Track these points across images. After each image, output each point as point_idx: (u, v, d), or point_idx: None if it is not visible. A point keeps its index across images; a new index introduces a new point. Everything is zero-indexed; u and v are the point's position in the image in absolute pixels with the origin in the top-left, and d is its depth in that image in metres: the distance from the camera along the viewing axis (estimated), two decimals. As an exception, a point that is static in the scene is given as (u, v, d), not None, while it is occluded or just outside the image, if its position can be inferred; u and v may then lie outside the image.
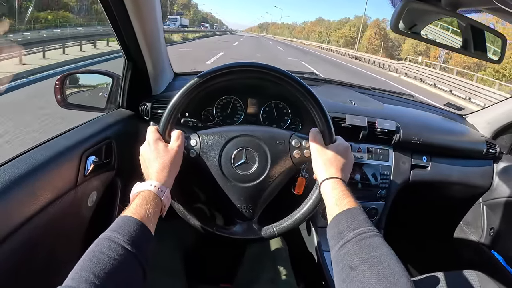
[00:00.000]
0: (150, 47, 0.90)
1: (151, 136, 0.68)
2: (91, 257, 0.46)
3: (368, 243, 0.52)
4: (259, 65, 0.70)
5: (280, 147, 0.73)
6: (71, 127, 0.84)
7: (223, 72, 0.69)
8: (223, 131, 0.74)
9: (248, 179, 0.72)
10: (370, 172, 1.08)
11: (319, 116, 0.71)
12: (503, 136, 1.30)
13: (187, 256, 0.97)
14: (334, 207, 0.61)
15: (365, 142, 1.07)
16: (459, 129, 1.27)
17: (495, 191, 1.26)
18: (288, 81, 0.69)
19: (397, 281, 0.46)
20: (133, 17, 0.78)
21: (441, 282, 1.03)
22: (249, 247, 1.00)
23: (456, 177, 1.20)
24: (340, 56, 28.25)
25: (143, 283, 0.51)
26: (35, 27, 12.59)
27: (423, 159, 1.15)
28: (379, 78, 14.28)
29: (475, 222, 1.35)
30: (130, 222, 0.53)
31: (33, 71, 5.64)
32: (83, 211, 0.80)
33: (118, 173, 0.90)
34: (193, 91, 0.68)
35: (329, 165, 0.68)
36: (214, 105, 1.03)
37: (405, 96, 1.46)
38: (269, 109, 1.05)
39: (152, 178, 0.63)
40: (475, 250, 1.33)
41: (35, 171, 0.64)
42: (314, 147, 0.71)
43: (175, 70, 1.20)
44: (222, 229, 0.75)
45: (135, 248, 0.50)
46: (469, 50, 0.92)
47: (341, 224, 0.57)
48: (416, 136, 1.10)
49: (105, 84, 1.03)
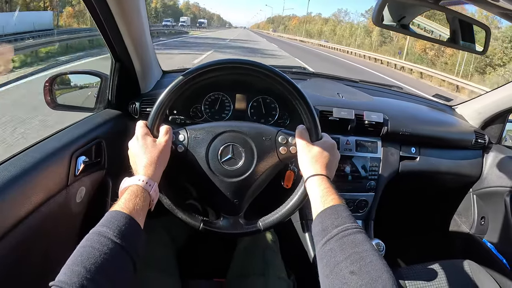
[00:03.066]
0: (137, 47, 0.90)
1: (139, 131, 0.69)
2: (82, 252, 0.47)
3: (351, 240, 0.53)
4: (246, 61, 0.71)
5: (267, 143, 0.74)
6: (61, 128, 0.85)
7: (210, 69, 0.70)
8: (210, 126, 0.75)
9: (234, 174, 0.74)
10: (359, 164, 1.09)
11: (305, 113, 0.72)
12: (492, 126, 1.31)
13: (180, 252, 0.98)
14: (318, 204, 0.62)
15: (354, 135, 1.09)
16: (448, 120, 1.28)
17: (485, 180, 1.28)
18: (274, 77, 0.70)
19: (379, 277, 0.47)
20: (118, 17, 0.78)
21: (433, 271, 1.05)
22: (240, 241, 1.01)
23: (445, 168, 1.21)
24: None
25: (134, 274, 0.52)
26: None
27: (412, 150, 1.16)
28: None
29: (466, 212, 1.37)
30: (119, 216, 0.54)
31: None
32: (75, 210, 0.81)
33: (109, 172, 0.92)
34: (182, 86, 0.69)
35: (315, 162, 0.69)
36: (203, 101, 1.03)
37: (394, 88, 1.47)
38: (257, 104, 1.05)
39: (140, 172, 0.64)
40: (466, 239, 1.35)
41: (26, 173, 0.65)
42: (300, 144, 0.72)
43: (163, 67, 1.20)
44: (209, 224, 0.76)
45: (125, 242, 0.51)
46: (457, 42, 0.93)
47: (325, 221, 0.58)
48: (404, 127, 1.11)
49: (94, 83, 1.04)
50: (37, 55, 9.29)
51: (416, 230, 1.59)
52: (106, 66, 1.01)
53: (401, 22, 0.91)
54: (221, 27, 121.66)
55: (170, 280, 0.85)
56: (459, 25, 0.91)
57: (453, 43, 0.93)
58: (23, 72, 6.67)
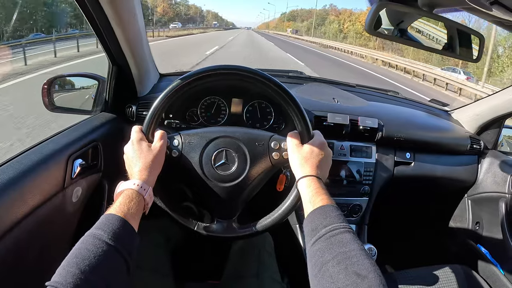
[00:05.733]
0: (133, 50, 0.91)
1: (134, 136, 0.70)
2: (77, 254, 0.49)
3: (339, 240, 0.54)
4: (240, 68, 0.72)
5: (259, 148, 0.75)
6: (58, 131, 0.86)
7: (205, 74, 0.71)
8: (204, 132, 0.77)
9: (228, 179, 0.75)
10: (354, 169, 1.10)
11: (297, 118, 0.73)
12: (488, 132, 1.31)
13: (175, 253, 0.99)
14: (308, 205, 0.63)
15: (348, 140, 1.09)
16: (443, 125, 1.28)
17: (480, 186, 1.28)
18: (265, 82, 0.71)
19: (365, 277, 0.48)
20: (113, 21, 0.79)
21: (427, 276, 1.06)
22: (236, 242, 1.02)
23: (440, 173, 1.21)
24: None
25: (127, 276, 0.54)
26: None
27: (407, 155, 1.16)
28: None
29: (461, 217, 1.38)
30: (114, 219, 0.55)
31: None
32: (71, 212, 0.82)
33: (105, 175, 0.93)
34: (176, 92, 0.71)
35: (305, 163, 0.70)
36: (199, 105, 1.04)
37: (390, 93, 1.47)
38: (252, 108, 1.06)
39: (135, 177, 0.65)
40: (461, 244, 1.35)
41: (23, 175, 0.66)
42: (290, 146, 0.73)
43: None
44: (203, 227, 0.78)
45: (119, 244, 0.53)
46: (453, 51, 0.93)
47: (314, 222, 0.59)
48: (399, 133, 1.12)
49: (92, 86, 1.05)
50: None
51: (411, 235, 1.59)
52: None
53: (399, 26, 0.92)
54: (209, 27, 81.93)
55: (164, 282, 0.86)
56: (457, 33, 0.92)
57: (450, 50, 0.94)
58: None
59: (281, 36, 56.91)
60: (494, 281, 1.15)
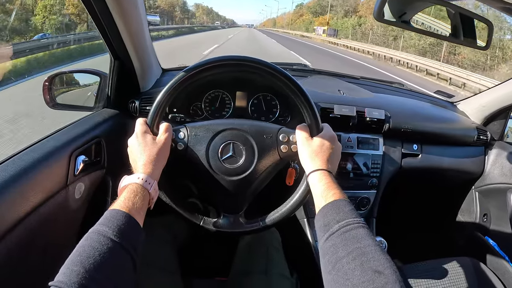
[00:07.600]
0: (136, 45, 0.90)
1: (139, 128, 0.69)
2: (81, 252, 0.47)
3: (353, 235, 0.53)
4: (247, 58, 0.70)
5: (268, 141, 0.73)
6: (60, 128, 0.85)
7: (210, 66, 0.69)
8: (211, 124, 0.75)
9: (235, 172, 0.73)
10: (361, 162, 1.08)
11: (306, 110, 0.71)
12: (494, 122, 1.30)
13: (181, 250, 0.98)
14: (320, 199, 0.62)
15: (355, 132, 1.08)
16: (449, 116, 1.27)
17: (487, 177, 1.27)
18: (274, 74, 0.69)
19: (382, 273, 0.46)
20: (116, 15, 0.78)
21: (435, 269, 1.05)
22: (243, 238, 1.01)
23: (447, 165, 1.20)
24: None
25: (134, 273, 0.52)
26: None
27: (414, 147, 1.15)
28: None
29: (468, 209, 1.37)
30: (118, 215, 0.53)
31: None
32: (74, 209, 0.81)
33: (108, 171, 0.91)
34: (181, 83, 0.68)
35: (315, 157, 0.68)
36: (203, 99, 1.03)
37: (395, 85, 1.46)
38: (257, 101, 1.05)
39: (139, 170, 0.63)
40: (469, 236, 1.34)
41: (25, 173, 0.64)
42: (300, 139, 0.71)
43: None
44: (209, 222, 0.76)
45: (124, 241, 0.51)
46: (458, 37, 0.92)
47: (326, 217, 0.58)
48: (406, 124, 1.10)
49: (94, 82, 1.03)
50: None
51: (418, 228, 1.58)
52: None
53: (402, 18, 0.91)
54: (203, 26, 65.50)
55: (171, 279, 0.85)
56: (460, 20, 0.91)
57: (455, 37, 0.93)
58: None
59: (308, 40, 32.58)
60: (503, 273, 1.14)
